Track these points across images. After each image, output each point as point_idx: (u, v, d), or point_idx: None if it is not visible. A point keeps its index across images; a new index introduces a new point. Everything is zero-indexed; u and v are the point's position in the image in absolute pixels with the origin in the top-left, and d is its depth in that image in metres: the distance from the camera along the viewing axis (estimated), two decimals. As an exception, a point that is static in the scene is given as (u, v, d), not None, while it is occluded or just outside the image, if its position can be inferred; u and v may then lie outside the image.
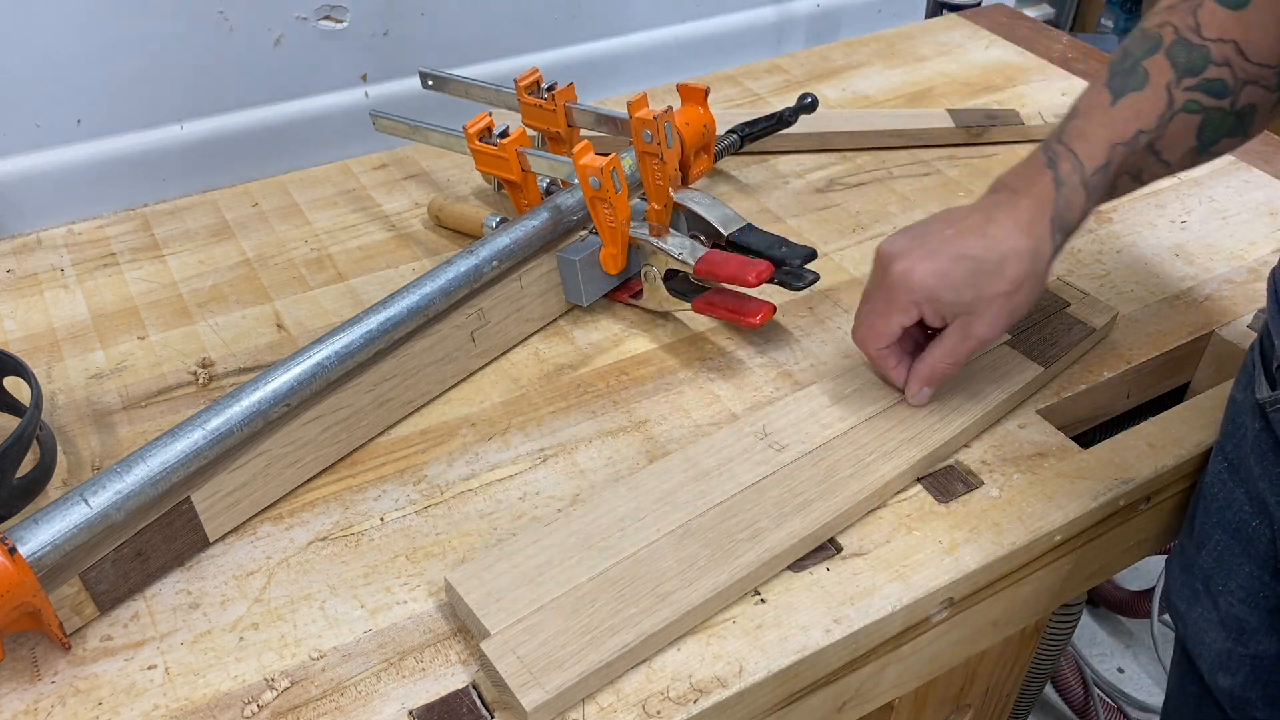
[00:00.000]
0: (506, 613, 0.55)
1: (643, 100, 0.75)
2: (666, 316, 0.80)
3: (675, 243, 0.75)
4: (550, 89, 0.85)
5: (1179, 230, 0.89)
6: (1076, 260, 0.85)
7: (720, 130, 0.88)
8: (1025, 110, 1.03)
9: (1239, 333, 0.78)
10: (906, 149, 1.00)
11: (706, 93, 0.83)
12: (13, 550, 0.51)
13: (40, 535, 0.53)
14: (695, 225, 0.80)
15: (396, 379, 0.69)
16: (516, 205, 0.84)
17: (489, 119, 0.82)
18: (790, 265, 0.74)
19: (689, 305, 0.75)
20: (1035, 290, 0.62)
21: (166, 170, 0.96)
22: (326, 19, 0.98)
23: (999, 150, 1.01)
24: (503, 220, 0.82)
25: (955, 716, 0.86)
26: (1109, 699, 1.46)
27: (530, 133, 0.88)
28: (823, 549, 0.61)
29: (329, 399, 0.65)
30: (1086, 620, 1.61)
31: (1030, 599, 0.68)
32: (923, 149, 1.01)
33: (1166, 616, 1.47)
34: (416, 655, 0.56)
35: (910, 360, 0.67)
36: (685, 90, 0.83)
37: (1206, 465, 0.68)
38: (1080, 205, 0.62)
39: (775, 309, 0.73)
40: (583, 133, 0.87)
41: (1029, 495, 0.64)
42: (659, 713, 0.53)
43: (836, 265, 0.85)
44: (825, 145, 1.00)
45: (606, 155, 0.71)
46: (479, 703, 0.54)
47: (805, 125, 0.97)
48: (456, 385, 0.74)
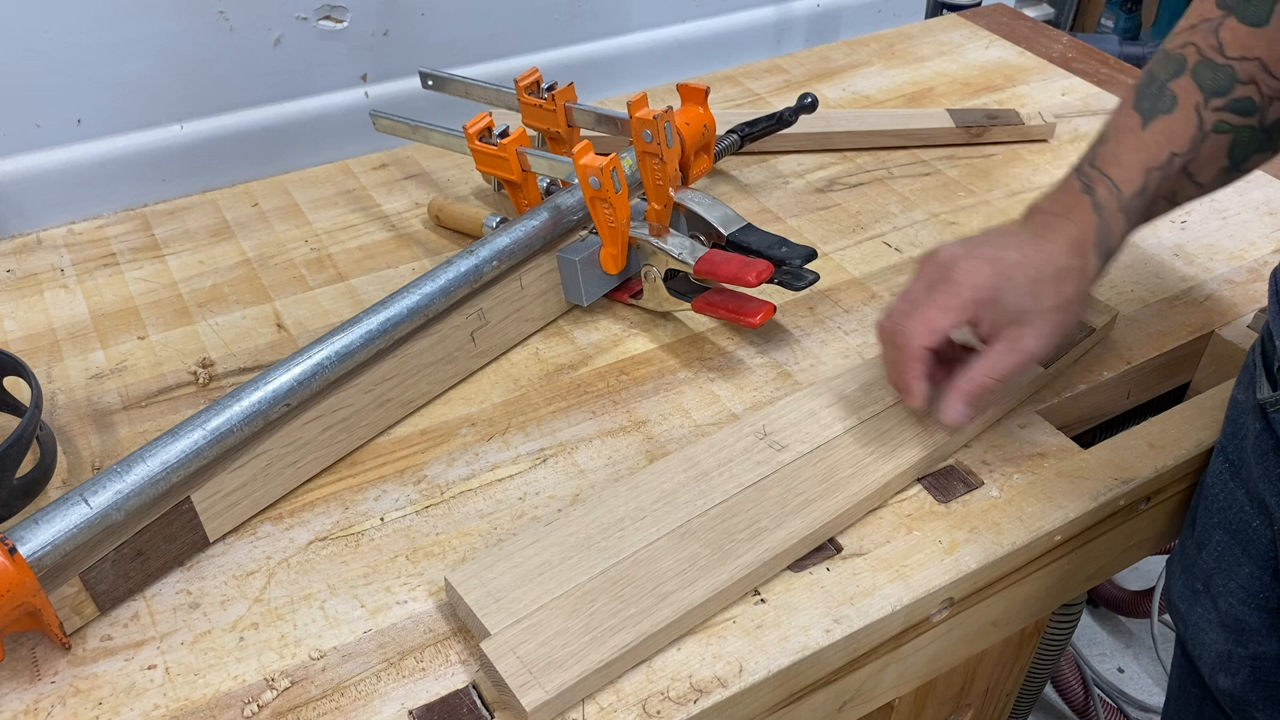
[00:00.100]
0: (506, 613, 0.55)
1: (643, 100, 0.75)
2: (666, 316, 0.80)
3: (675, 243, 0.75)
4: (550, 89, 0.85)
5: (1179, 230, 0.89)
6: (1076, 260, 0.85)
7: (720, 130, 0.88)
8: (1025, 110, 1.03)
9: (1239, 333, 0.78)
10: (906, 149, 1.01)
11: (706, 93, 0.83)
12: (13, 550, 0.51)
13: (40, 535, 0.53)
14: (695, 225, 0.80)
15: (396, 379, 0.69)
16: (516, 205, 0.84)
17: (489, 119, 0.82)
18: (790, 265, 0.74)
19: (689, 305, 0.75)
20: (1080, 312, 0.62)
21: (166, 170, 0.96)
22: (326, 19, 0.98)
23: (999, 150, 1.01)
24: (503, 220, 0.82)
25: (955, 716, 0.86)
26: (1109, 699, 1.46)
27: (530, 133, 0.88)
28: (823, 549, 0.61)
29: (329, 399, 0.65)
30: (1086, 620, 1.60)
31: (1030, 599, 0.68)
32: (923, 149, 1.01)
33: (1166, 616, 1.47)
34: (416, 655, 0.56)
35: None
36: (685, 90, 0.83)
37: (1207, 466, 0.68)
38: (1120, 230, 0.62)
39: (775, 309, 0.73)
40: (583, 133, 0.87)
41: (1029, 495, 0.64)
42: (659, 713, 0.53)
43: (836, 265, 0.85)
44: (825, 145, 1.00)
45: (606, 155, 0.71)
46: (479, 703, 0.54)
47: (805, 125, 0.97)
48: (456, 385, 0.74)
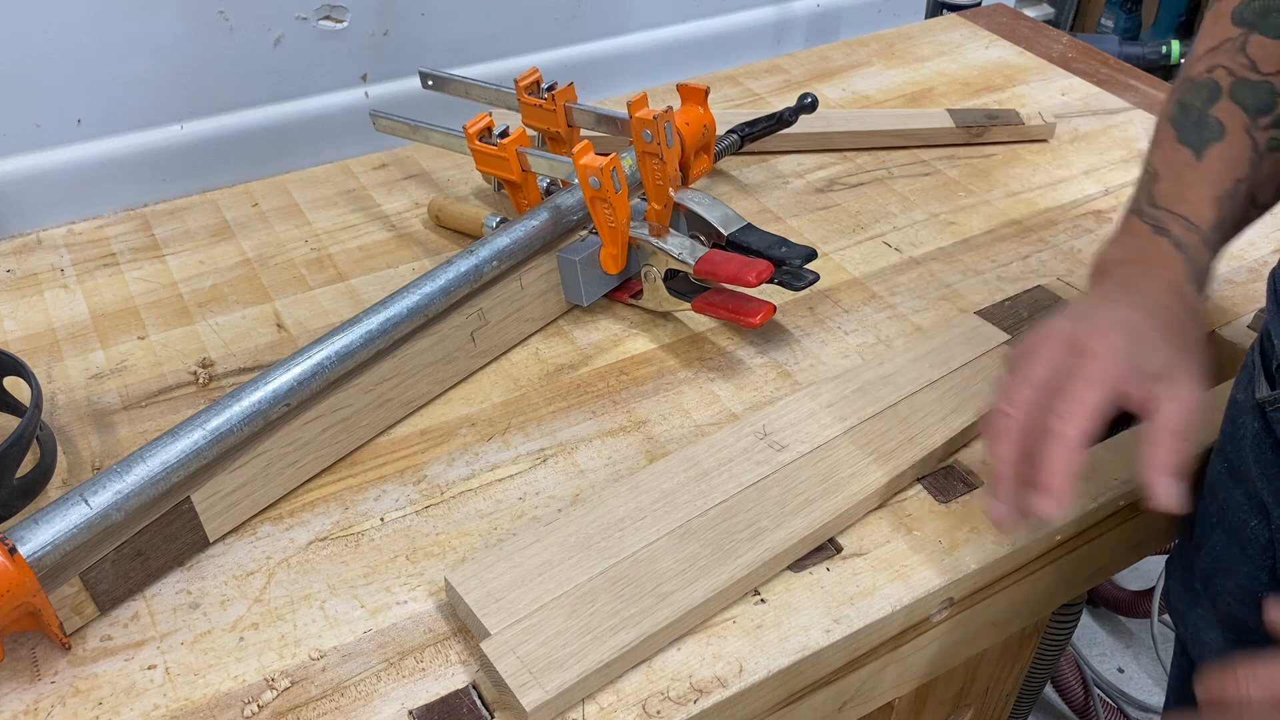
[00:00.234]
0: (506, 613, 0.55)
1: (643, 100, 0.75)
2: (666, 316, 0.80)
3: (675, 243, 0.75)
4: (550, 89, 0.85)
5: (1179, 230, 0.89)
6: (1076, 260, 0.85)
7: (720, 130, 0.88)
8: (1025, 110, 1.03)
9: (1239, 333, 0.78)
10: (906, 149, 1.01)
11: (706, 93, 0.83)
12: (13, 550, 0.51)
13: (40, 535, 0.53)
14: (695, 225, 0.80)
15: (396, 379, 0.69)
16: (516, 205, 0.84)
17: (489, 119, 0.82)
18: (790, 265, 0.74)
19: (689, 305, 0.75)
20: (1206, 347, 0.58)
21: (166, 170, 0.96)
22: (326, 19, 0.98)
23: (999, 150, 1.01)
24: (503, 220, 0.82)
25: (955, 716, 0.86)
26: (1109, 699, 1.46)
27: (530, 133, 0.88)
28: (823, 549, 0.61)
29: (329, 399, 0.65)
30: (1086, 620, 1.60)
31: (1030, 599, 0.68)
32: (923, 149, 1.01)
33: (1166, 616, 1.47)
34: (416, 655, 0.56)
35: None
36: (685, 90, 0.83)
37: (1206, 465, 0.68)
38: (1207, 264, 0.60)
39: (775, 309, 0.73)
40: (583, 133, 0.87)
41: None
42: (659, 713, 0.53)
43: (836, 265, 0.85)
44: (825, 145, 1.00)
45: (606, 155, 0.71)
46: (479, 703, 0.54)
47: (805, 125, 0.97)
48: (456, 385, 0.74)
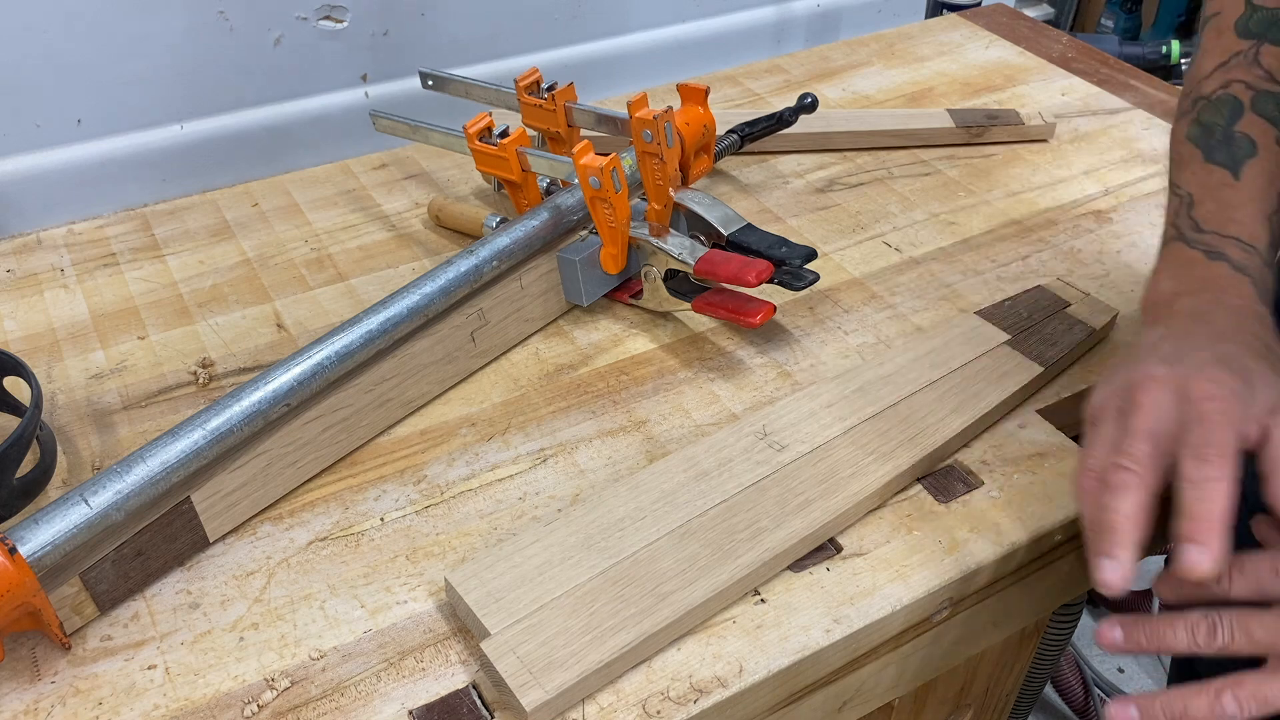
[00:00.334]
0: (506, 613, 0.55)
1: (643, 100, 0.75)
2: (666, 316, 0.80)
3: (675, 243, 0.75)
4: (550, 89, 0.85)
5: (1179, 230, 0.89)
6: (1076, 260, 0.85)
7: (720, 130, 0.88)
8: (1025, 110, 1.03)
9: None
10: (906, 149, 1.00)
11: (706, 93, 0.83)
12: (13, 550, 0.51)
13: (40, 535, 0.53)
14: (695, 225, 0.80)
15: (396, 379, 0.69)
16: (516, 205, 0.84)
17: (489, 119, 0.82)
18: (790, 265, 0.74)
19: (689, 305, 0.75)
20: None
21: (166, 170, 0.96)
22: (326, 19, 0.98)
23: (999, 150, 1.01)
24: (503, 220, 0.82)
25: (955, 716, 0.86)
26: (1109, 699, 1.46)
27: (530, 133, 0.88)
28: (823, 549, 0.61)
29: (329, 399, 0.65)
30: (1086, 620, 1.60)
31: (1030, 599, 0.68)
32: (923, 149, 1.01)
33: (1166, 616, 1.47)
34: (416, 655, 0.56)
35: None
36: (685, 90, 0.83)
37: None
38: (1269, 283, 0.58)
39: (775, 309, 0.73)
40: (583, 133, 0.87)
41: (1029, 495, 0.64)
42: (659, 713, 0.53)
43: (836, 265, 0.85)
44: (825, 145, 1.00)
45: (606, 155, 0.71)
46: (479, 703, 0.54)
47: (805, 125, 0.97)
48: (456, 385, 0.74)
